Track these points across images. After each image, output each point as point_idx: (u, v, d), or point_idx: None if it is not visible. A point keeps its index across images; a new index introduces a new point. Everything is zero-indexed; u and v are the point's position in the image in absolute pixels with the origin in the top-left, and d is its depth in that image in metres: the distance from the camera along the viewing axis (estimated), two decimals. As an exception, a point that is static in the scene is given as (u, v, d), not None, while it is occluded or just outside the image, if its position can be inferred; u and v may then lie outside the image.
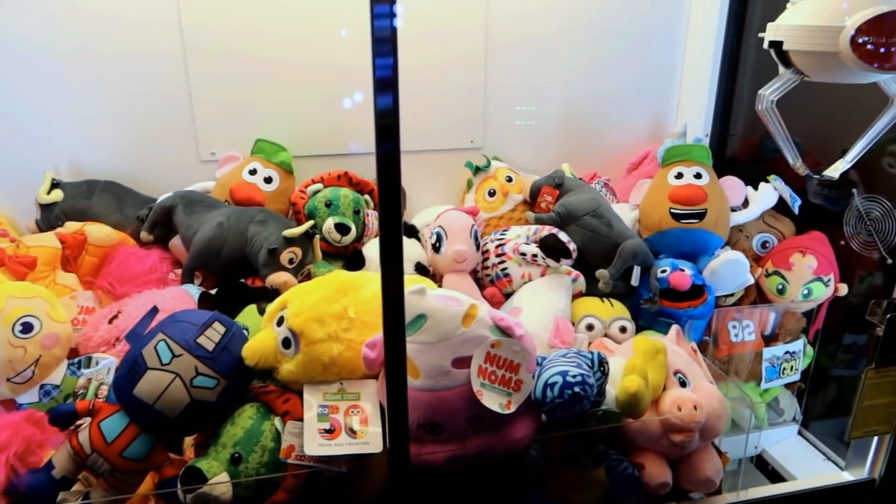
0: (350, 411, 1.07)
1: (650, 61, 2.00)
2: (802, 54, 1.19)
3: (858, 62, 1.10)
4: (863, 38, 1.09)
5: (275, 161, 1.71)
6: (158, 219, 1.60)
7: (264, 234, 1.45)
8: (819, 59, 1.17)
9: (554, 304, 1.47)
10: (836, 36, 1.11)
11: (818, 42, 1.14)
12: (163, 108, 1.73)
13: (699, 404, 1.20)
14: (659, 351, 1.24)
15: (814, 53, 1.16)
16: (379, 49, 0.81)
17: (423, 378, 1.03)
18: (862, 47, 1.09)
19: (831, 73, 1.19)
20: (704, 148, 1.70)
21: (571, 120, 2.00)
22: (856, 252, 1.63)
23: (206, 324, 1.07)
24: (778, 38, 1.21)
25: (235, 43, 1.69)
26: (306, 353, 1.07)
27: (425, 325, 1.03)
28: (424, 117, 1.87)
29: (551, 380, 1.07)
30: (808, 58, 1.19)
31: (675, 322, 1.52)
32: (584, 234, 1.60)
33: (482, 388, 1.04)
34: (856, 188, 1.63)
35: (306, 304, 1.08)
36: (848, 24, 1.10)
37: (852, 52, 1.10)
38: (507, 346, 1.06)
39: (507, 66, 1.89)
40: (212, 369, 1.04)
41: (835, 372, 1.74)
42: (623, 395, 1.13)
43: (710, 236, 1.61)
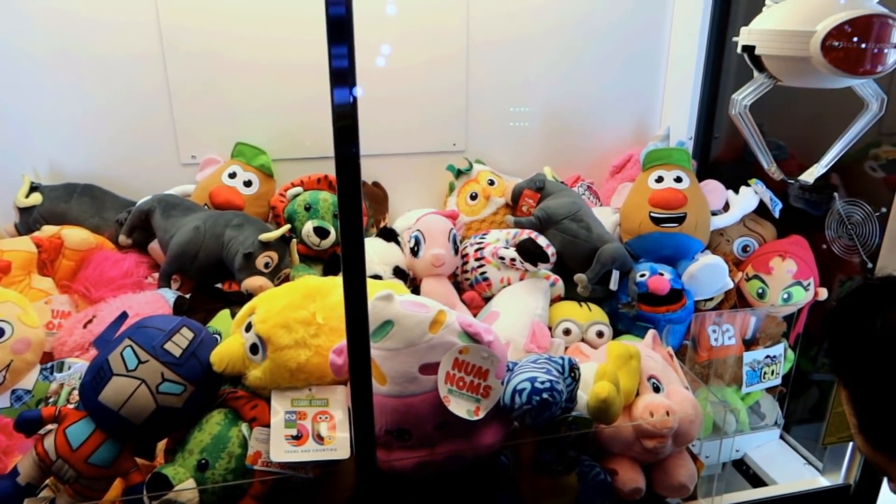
0: (318, 417, 1.07)
1: (634, 63, 2.00)
2: (775, 59, 1.19)
3: (829, 67, 1.10)
4: (833, 43, 1.08)
5: (254, 164, 1.71)
6: (137, 222, 1.59)
7: (240, 238, 1.45)
8: (791, 64, 1.17)
9: (531, 308, 1.47)
10: (807, 41, 1.11)
11: (789, 47, 1.13)
12: (142, 111, 1.72)
13: (672, 410, 1.20)
14: (632, 356, 1.24)
15: (785, 58, 1.16)
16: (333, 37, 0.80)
17: (390, 384, 1.03)
18: (833, 52, 1.09)
19: (803, 77, 1.18)
20: (685, 151, 1.70)
21: (555, 122, 2.00)
22: (837, 256, 1.62)
23: (173, 329, 1.07)
24: (750, 42, 1.21)
25: (215, 44, 1.69)
26: (273, 360, 1.06)
27: (392, 332, 1.02)
28: (406, 120, 1.87)
29: (520, 386, 1.07)
30: (780, 62, 1.18)
31: (653, 326, 1.52)
32: (564, 238, 1.60)
33: (449, 395, 1.04)
34: (836, 192, 1.63)
35: (273, 310, 1.08)
36: (818, 29, 1.09)
37: (823, 57, 1.10)
38: (476, 352, 1.06)
39: (489, 68, 1.88)
40: (179, 375, 1.04)
41: (816, 376, 1.74)
42: (594, 400, 1.13)
43: (690, 240, 1.61)
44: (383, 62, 1.78)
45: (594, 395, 1.13)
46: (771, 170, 1.47)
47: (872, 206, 1.55)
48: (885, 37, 1.11)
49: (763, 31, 1.18)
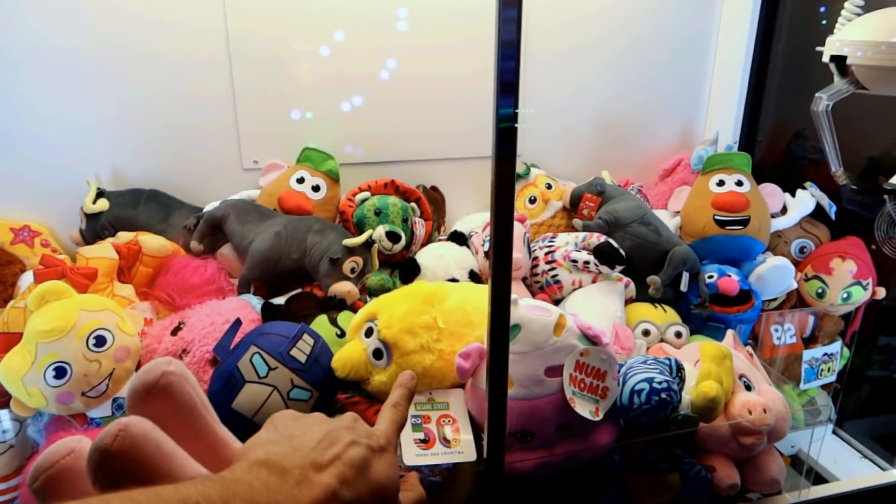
0: (441, 420, 1.08)
1: (681, 70, 2.04)
2: (866, 69, 1.23)
3: None
4: (929, 55, 1.14)
5: (322, 169, 1.71)
6: (208, 229, 1.58)
7: (324, 243, 1.45)
8: (884, 74, 1.22)
9: (610, 310, 1.50)
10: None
11: (886, 57, 1.18)
12: (206, 116, 1.71)
13: (768, 407, 1.24)
14: (726, 356, 1.28)
15: (879, 68, 1.21)
16: (504, 53, 0.82)
17: (518, 387, 1.05)
18: (928, 63, 1.14)
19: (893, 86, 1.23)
20: (745, 156, 1.75)
21: (604, 128, 2.03)
22: (888, 257, 1.68)
23: (296, 336, 1.07)
24: (841, 52, 1.25)
25: (280, 50, 1.69)
26: (400, 364, 1.07)
27: (520, 335, 1.05)
28: (463, 124, 1.88)
29: (638, 386, 1.10)
30: (873, 72, 1.23)
31: (724, 326, 1.56)
32: (633, 241, 1.63)
33: (574, 396, 1.06)
34: (888, 194, 1.69)
35: (396, 316, 1.09)
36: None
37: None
38: (595, 355, 1.09)
39: (544, 75, 1.91)
40: (306, 381, 1.05)
41: (868, 373, 1.80)
42: (702, 399, 1.16)
43: (754, 242, 1.66)
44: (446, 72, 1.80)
45: (702, 394, 1.16)
46: (837, 173, 1.52)
47: (924, 208, 1.61)
48: None
49: (855, 42, 1.23)
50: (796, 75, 1.99)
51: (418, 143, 1.88)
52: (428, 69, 1.80)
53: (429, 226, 1.75)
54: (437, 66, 1.81)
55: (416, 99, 1.82)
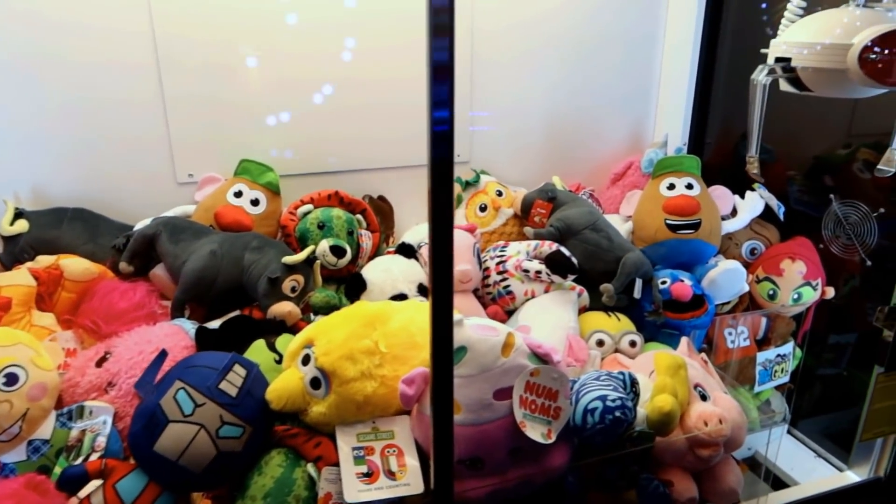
0: (386, 451, 1.02)
1: (629, 73, 2.02)
2: (809, 70, 1.22)
3: (865, 78, 1.14)
4: (871, 55, 1.12)
5: (261, 182, 1.63)
6: (139, 248, 1.48)
7: (263, 261, 1.37)
8: (825, 75, 1.20)
9: (564, 321, 1.46)
10: (844, 53, 1.14)
11: (826, 59, 1.17)
12: (134, 127, 1.61)
13: (724, 418, 1.21)
14: (680, 366, 1.25)
15: (821, 70, 1.19)
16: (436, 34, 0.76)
17: (465, 412, 1.00)
18: (870, 64, 1.13)
19: (838, 88, 1.22)
20: (694, 158, 1.73)
21: (554, 132, 2.00)
22: (835, 255, 1.69)
23: (226, 367, 1.00)
24: (785, 54, 1.24)
25: (213, 56, 1.60)
26: (339, 394, 1.01)
27: (466, 358, 0.99)
28: (410, 132, 1.82)
29: (591, 405, 1.05)
30: (815, 74, 1.22)
31: (678, 333, 1.54)
32: (585, 248, 1.60)
33: (525, 419, 1.01)
34: (833, 194, 1.70)
35: (335, 342, 1.02)
36: (856, 42, 1.13)
37: (860, 69, 1.13)
38: (546, 374, 1.04)
39: (492, 79, 1.87)
40: (237, 416, 0.97)
41: (820, 371, 1.81)
42: (657, 414, 1.12)
43: (706, 246, 1.64)
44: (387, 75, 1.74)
45: (657, 409, 1.12)
46: (750, 158, 1.47)
47: (869, 206, 1.63)
48: None
49: (799, 44, 1.22)
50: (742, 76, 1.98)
51: (364, 152, 1.81)
52: (372, 74, 1.73)
53: (376, 238, 1.68)
54: (381, 71, 1.74)
55: (361, 105, 1.75)
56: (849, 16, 1.19)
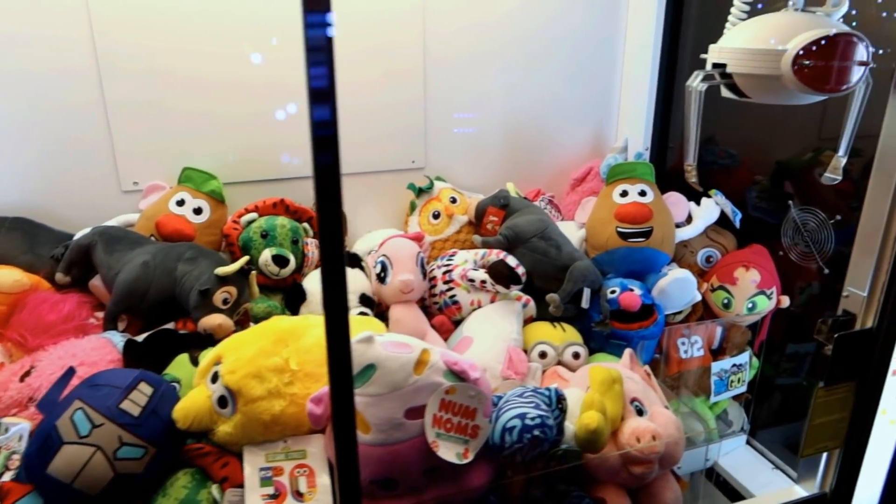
0: (296, 472, 0.99)
1: (589, 77, 1.99)
2: (745, 76, 1.19)
3: (800, 85, 1.11)
4: (804, 62, 1.09)
5: (204, 190, 1.60)
6: (76, 258, 1.46)
7: (195, 273, 1.35)
8: (761, 81, 1.17)
9: (506, 332, 1.43)
10: (778, 59, 1.11)
11: (760, 65, 1.13)
12: (77, 135, 1.58)
13: (658, 434, 1.18)
14: (615, 380, 1.22)
15: (756, 76, 1.16)
16: (313, 59, 0.73)
17: (375, 432, 0.97)
18: (804, 70, 1.10)
19: (774, 94, 1.19)
20: (648, 165, 1.70)
21: (514, 137, 1.97)
22: (794, 263, 1.66)
23: (129, 386, 0.97)
24: (721, 60, 1.21)
25: (156, 61, 1.57)
26: (245, 413, 0.98)
27: (375, 376, 0.96)
28: (363, 137, 1.80)
29: (509, 423, 1.03)
30: (751, 80, 1.19)
31: (627, 344, 1.51)
32: (533, 256, 1.57)
33: (437, 439, 0.98)
34: (791, 200, 1.67)
35: (243, 359, 1.00)
36: (790, 48, 1.10)
37: (794, 76, 1.10)
38: (463, 391, 1.01)
39: (447, 84, 1.84)
40: (139, 437, 0.94)
41: (779, 381, 1.77)
42: (583, 432, 1.10)
43: (658, 254, 1.61)
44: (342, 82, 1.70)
45: (583, 426, 1.10)
46: (688, 167, 1.45)
47: (826, 213, 1.59)
48: (850, 55, 1.12)
49: (734, 50, 1.19)
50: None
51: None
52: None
53: (324, 246, 1.65)
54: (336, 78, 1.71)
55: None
56: (785, 20, 1.16)
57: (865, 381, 1.22)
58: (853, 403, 1.24)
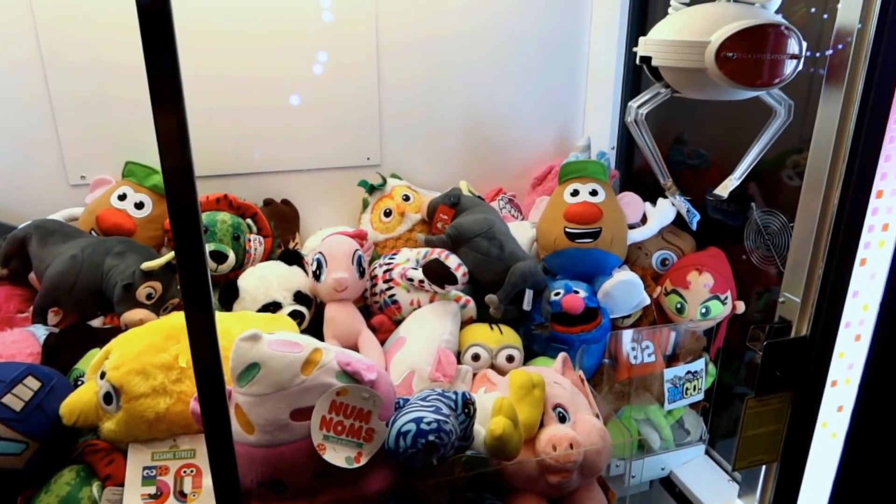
0: (182, 471, 0.97)
1: (554, 72, 1.94)
2: (671, 70, 1.14)
3: (725, 79, 1.05)
4: (728, 54, 1.04)
5: (147, 185, 1.59)
6: (12, 251, 1.46)
7: (121, 267, 1.33)
8: (688, 76, 1.12)
9: (438, 333, 1.39)
10: (702, 51, 1.06)
11: (685, 58, 1.08)
12: (22, 128, 1.58)
13: (576, 442, 1.13)
14: (535, 385, 1.17)
15: (682, 70, 1.11)
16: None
17: (259, 433, 0.94)
18: (728, 63, 1.04)
19: (702, 89, 1.13)
20: (600, 164, 1.65)
21: (474, 133, 1.93)
22: (756, 267, 1.59)
23: (15, 379, 0.95)
24: (647, 52, 1.16)
25: (100, 53, 1.56)
26: (127, 410, 0.96)
27: (258, 375, 0.93)
28: (317, 133, 1.77)
29: (404, 428, 0.99)
30: (678, 74, 1.14)
31: (567, 347, 1.46)
32: (476, 256, 1.52)
33: (325, 442, 0.95)
34: (754, 202, 1.60)
35: (129, 355, 0.98)
36: (713, 40, 1.04)
37: (718, 69, 1.05)
38: (356, 393, 0.97)
39: (403, 78, 1.80)
40: (18, 432, 0.93)
41: (738, 389, 1.71)
42: (489, 438, 1.05)
43: (606, 256, 1.56)
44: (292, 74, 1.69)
45: (489, 432, 1.05)
46: (666, 184, 1.42)
47: (788, 216, 1.52)
48: (782, 47, 1.06)
49: (659, 42, 1.13)
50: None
51: (267, 154, 1.76)
52: (275, 71, 1.68)
53: (268, 243, 1.63)
54: (285, 69, 1.69)
55: (263, 105, 1.70)
56: (713, 11, 1.11)
57: (802, 391, 1.16)
58: (789, 415, 1.17)
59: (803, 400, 1.17)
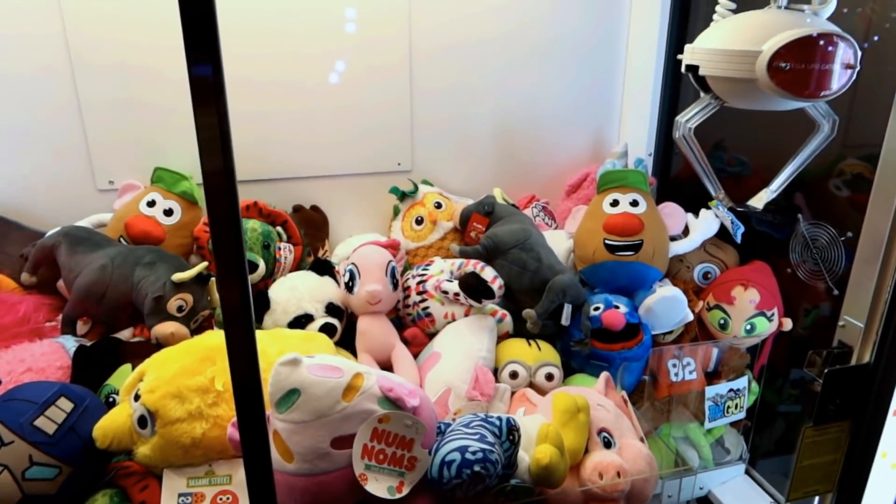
0: (218, 498, 0.93)
1: (590, 77, 1.88)
2: (719, 80, 1.09)
3: (776, 89, 1.00)
4: (780, 64, 0.99)
5: (176, 191, 1.56)
6: (41, 259, 1.43)
7: (151, 278, 1.30)
8: (736, 86, 1.07)
9: (475, 349, 1.34)
10: (752, 61, 1.01)
11: (734, 67, 1.03)
12: (52, 133, 1.56)
13: (623, 470, 1.09)
14: (580, 409, 1.13)
15: (730, 79, 1.06)
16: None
17: (298, 462, 0.90)
18: (780, 73, 0.99)
19: (750, 99, 1.09)
20: (641, 173, 1.59)
21: (506, 139, 1.88)
22: (802, 281, 1.53)
23: (47, 401, 0.92)
24: (694, 61, 1.11)
25: (130, 58, 1.53)
26: (163, 435, 0.92)
27: (298, 402, 0.89)
28: (348, 139, 1.73)
29: (448, 457, 0.95)
30: (725, 84, 1.09)
31: (608, 365, 1.41)
32: (512, 269, 1.48)
33: (367, 472, 0.91)
34: (801, 213, 1.54)
35: (164, 377, 0.94)
36: (765, 49, 0.99)
37: (769, 79, 1.00)
38: (398, 420, 0.93)
39: (436, 83, 1.75)
40: (51, 456, 0.90)
41: (781, 408, 1.64)
42: (535, 467, 1.01)
43: (647, 269, 1.50)
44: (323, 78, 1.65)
45: (535, 461, 1.01)
46: (719, 196, 1.37)
47: (837, 228, 1.46)
48: (832, 57, 1.01)
49: (707, 51, 1.08)
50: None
51: (297, 159, 1.72)
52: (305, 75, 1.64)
53: (298, 251, 1.60)
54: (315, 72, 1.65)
55: (293, 111, 1.66)
56: (764, 19, 1.05)
57: (862, 420, 1.10)
58: (848, 445, 1.12)
59: (863, 429, 1.11)
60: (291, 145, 1.70)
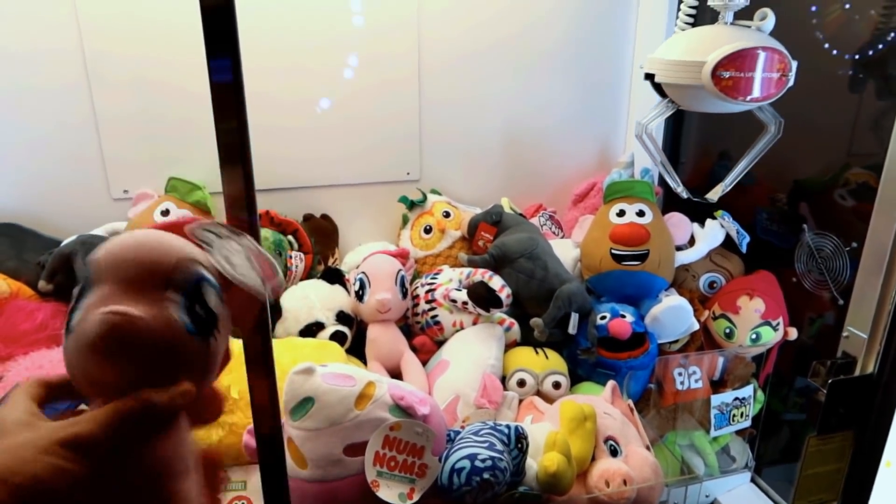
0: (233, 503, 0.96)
1: (596, 86, 1.91)
2: (672, 86, 1.24)
3: (720, 94, 1.14)
4: (723, 73, 1.12)
5: (189, 200, 1.59)
6: (58, 266, 1.46)
7: (166, 287, 1.33)
8: (686, 91, 1.22)
9: (483, 358, 1.37)
10: (699, 70, 1.14)
11: (684, 76, 1.17)
12: (67, 143, 1.59)
13: (629, 478, 1.10)
14: (587, 418, 1.15)
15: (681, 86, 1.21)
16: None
17: (312, 468, 0.92)
18: (722, 81, 1.13)
19: (700, 103, 1.23)
20: (647, 184, 1.61)
21: (514, 148, 1.90)
22: (808, 291, 1.54)
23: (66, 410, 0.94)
24: (651, 70, 1.25)
25: (144, 72, 1.57)
26: (180, 442, 0.95)
27: (312, 410, 0.92)
28: (357, 148, 1.76)
29: (458, 464, 0.97)
30: (678, 90, 1.24)
31: (614, 373, 1.43)
32: (519, 277, 1.50)
33: (379, 478, 0.93)
34: (806, 223, 1.55)
35: (181, 386, 0.96)
36: (709, 60, 1.12)
37: (714, 86, 1.13)
38: (409, 428, 0.96)
39: (444, 93, 1.78)
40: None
41: (787, 416, 1.66)
42: (542, 474, 1.03)
43: (654, 279, 1.52)
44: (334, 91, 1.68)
45: (543, 468, 1.03)
46: (678, 190, 1.43)
47: (842, 238, 1.48)
48: (771, 66, 1.15)
49: (662, 61, 1.22)
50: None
51: (308, 169, 1.75)
52: (314, 86, 1.67)
53: (308, 260, 1.62)
54: (324, 83, 1.68)
55: (304, 120, 1.69)
56: (711, 33, 1.19)
57: (866, 430, 1.11)
58: (852, 454, 1.13)
59: (867, 439, 1.12)
60: (303, 155, 1.72)
